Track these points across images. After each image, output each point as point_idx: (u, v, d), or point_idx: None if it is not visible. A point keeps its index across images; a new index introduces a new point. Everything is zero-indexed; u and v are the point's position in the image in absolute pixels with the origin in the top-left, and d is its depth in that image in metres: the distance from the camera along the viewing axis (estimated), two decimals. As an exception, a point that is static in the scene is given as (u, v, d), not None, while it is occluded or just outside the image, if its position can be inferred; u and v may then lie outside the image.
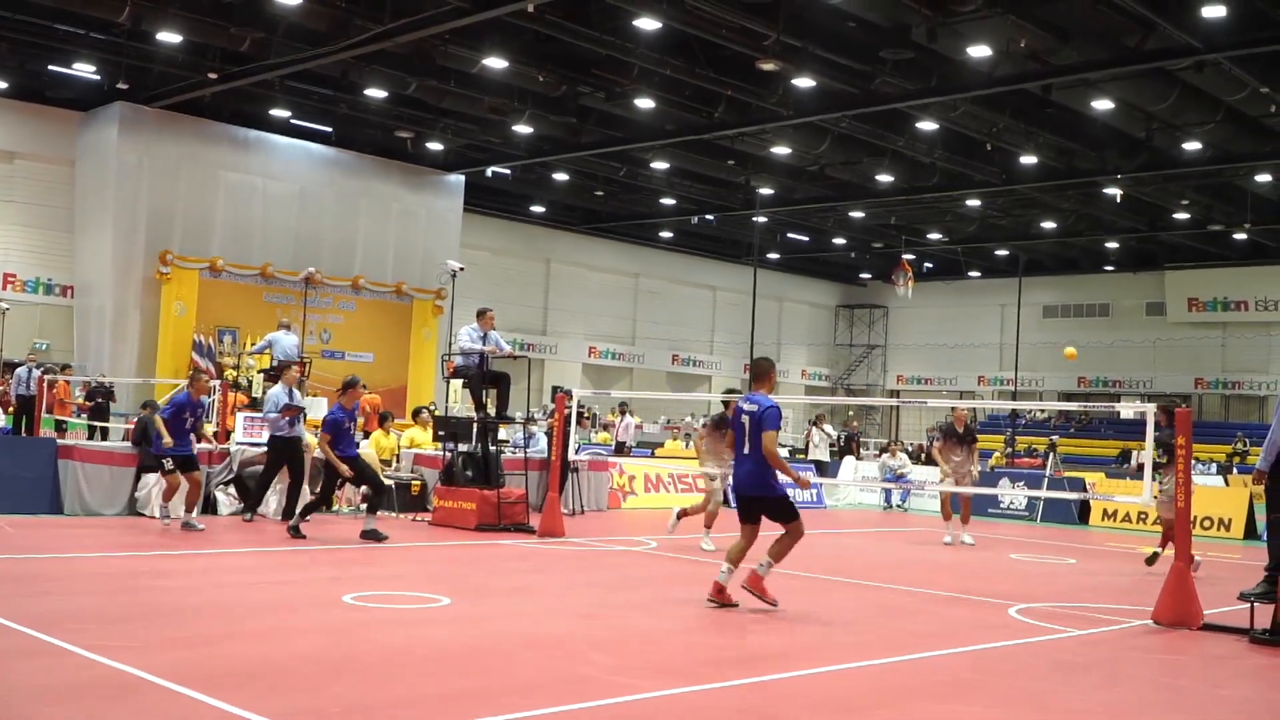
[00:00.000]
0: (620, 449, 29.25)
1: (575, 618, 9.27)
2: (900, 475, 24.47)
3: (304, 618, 8.66)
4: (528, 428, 19.96)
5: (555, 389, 18.99)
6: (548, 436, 19.19)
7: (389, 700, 6.29)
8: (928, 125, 29.66)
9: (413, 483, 17.54)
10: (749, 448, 9.80)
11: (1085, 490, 22.90)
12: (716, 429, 15.07)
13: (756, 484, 9.83)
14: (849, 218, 42.95)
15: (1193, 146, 29.92)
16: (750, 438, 9.78)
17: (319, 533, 14.36)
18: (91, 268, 30.76)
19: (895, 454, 25.64)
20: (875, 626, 9.64)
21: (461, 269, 19.24)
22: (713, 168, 35.30)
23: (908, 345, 57.94)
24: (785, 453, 40.36)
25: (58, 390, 23.30)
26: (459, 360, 16.56)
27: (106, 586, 9.82)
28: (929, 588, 12.08)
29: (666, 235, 49.03)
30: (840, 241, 48.52)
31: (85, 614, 8.39)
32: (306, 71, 26.60)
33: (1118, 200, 36.45)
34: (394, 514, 16.53)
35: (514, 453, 19.19)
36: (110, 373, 27.86)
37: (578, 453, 19.72)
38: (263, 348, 21.47)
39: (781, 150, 32.61)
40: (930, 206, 40.68)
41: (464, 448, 16.63)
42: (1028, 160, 32.15)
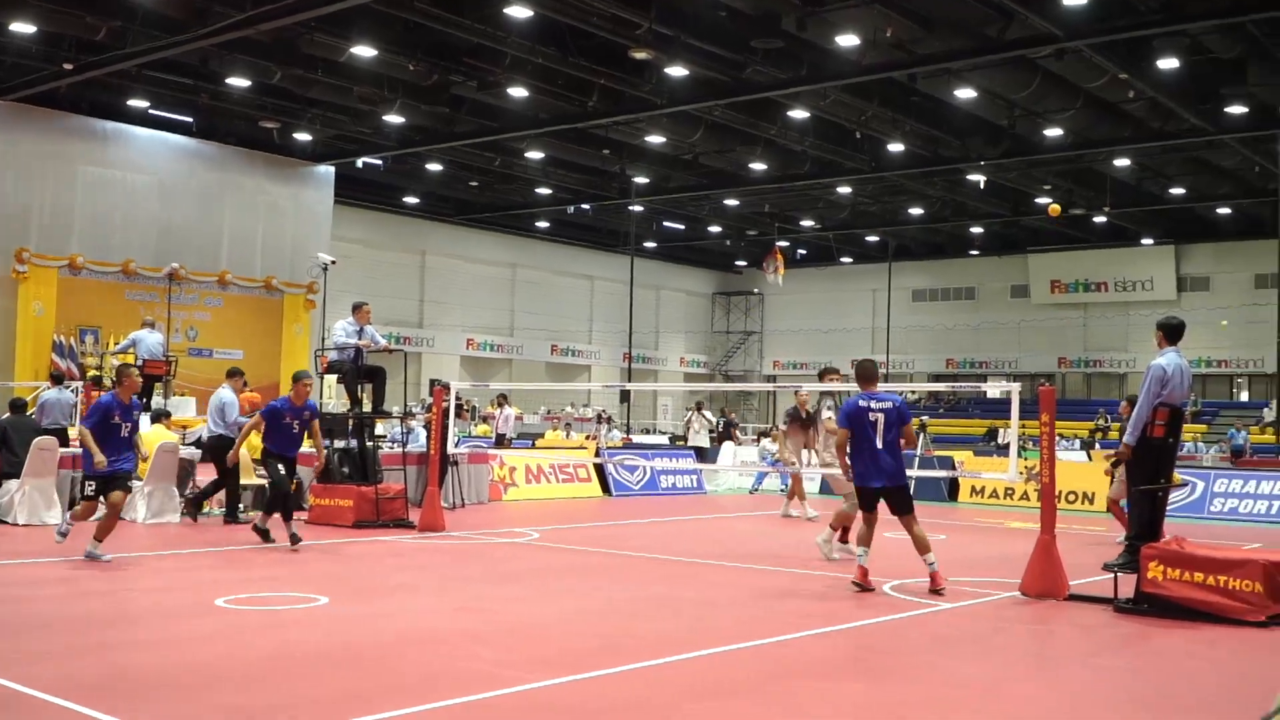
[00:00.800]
0: (500, 441, 29.12)
1: (457, 612, 9.20)
2: (776, 460, 24.71)
3: (177, 624, 8.44)
4: (406, 422, 19.75)
5: (433, 382, 18.81)
6: (426, 430, 19.01)
7: (267, 705, 6.17)
8: (799, 114, 30.02)
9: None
10: (883, 442, 10.55)
11: (954, 468, 23.39)
12: (796, 422, 17.21)
13: (896, 473, 10.64)
14: (723, 206, 43.32)
15: (1054, 133, 30.75)
16: (885, 432, 10.56)
17: (193, 535, 14.04)
18: (-56, 267, 29.62)
19: (775, 439, 25.87)
20: (756, 609, 9.74)
21: (333, 262, 18.95)
22: (587, 157, 35.29)
23: (783, 331, 58.67)
24: (666, 439, 40.67)
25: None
26: (333, 355, 16.31)
27: (-33, 597, 9.46)
28: (807, 568, 12.25)
29: (543, 225, 48.91)
30: (715, 230, 48.91)
31: (-55, 626, 8.07)
32: (166, 60, 25.91)
33: (982, 186, 37.35)
34: (269, 513, 16.18)
35: (392, 448, 18.98)
36: (-34, 376, 26.89)
37: (457, 446, 19.56)
38: (126, 347, 20.86)
39: (655, 139, 32.73)
40: (802, 194, 41.22)
41: (340, 444, 16.39)
42: (896, 148, 32.75)
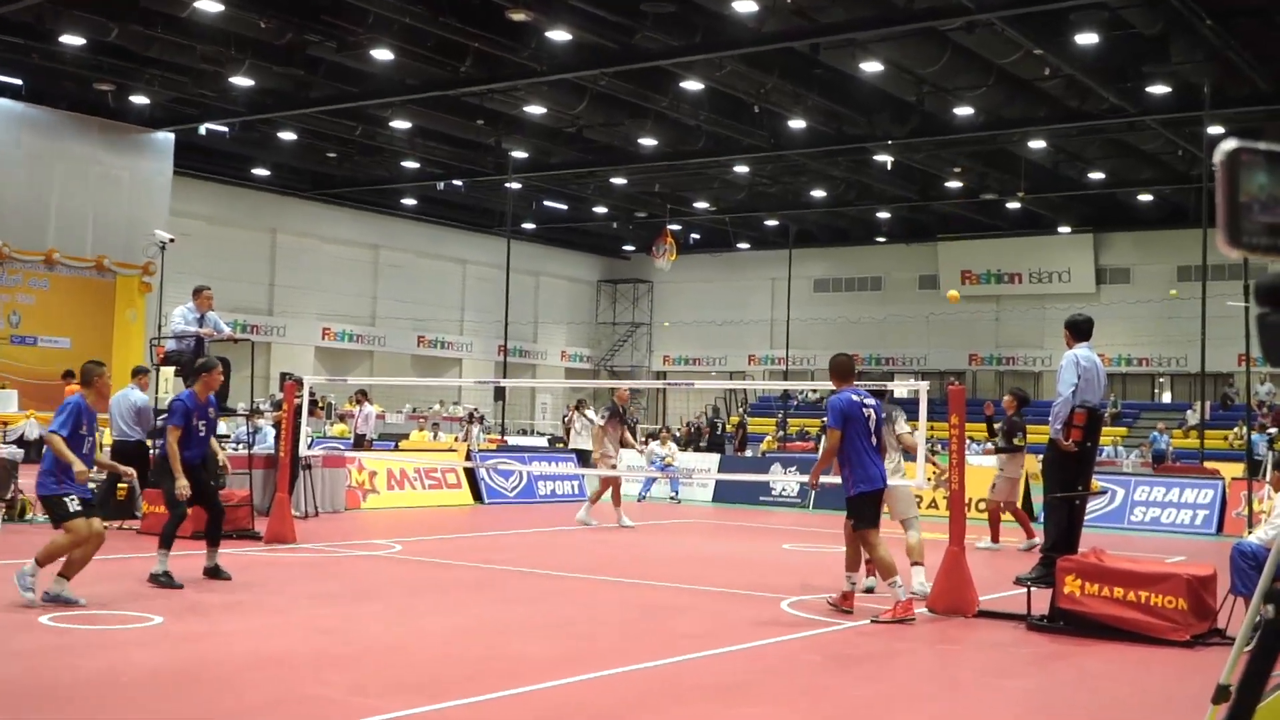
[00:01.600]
0: (359, 442, 28.81)
1: (307, 633, 9.08)
2: (667, 465, 24.85)
3: (-10, 644, 8.22)
4: (252, 420, 19.45)
5: (284, 376, 18.55)
6: (276, 430, 18.72)
7: (89, 736, 6.02)
8: (693, 85, 30.16)
9: (119, 486, 16.84)
10: (877, 441, 10.41)
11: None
12: (615, 418, 18.75)
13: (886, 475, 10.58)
14: (610, 185, 43.36)
15: (964, 111, 31.29)
16: (877, 432, 10.38)
17: (13, 544, 13.65)
18: None
19: (665, 441, 26.02)
20: (640, 628, 9.77)
21: (172, 240, 18.61)
22: (460, 128, 35.06)
23: (674, 323, 58.93)
24: (544, 441, 40.64)
25: None
26: (171, 345, 16.00)
27: None
28: (698, 584, 12.32)
29: (409, 203, 48.49)
30: (601, 210, 48.95)
31: None
32: (-9, 14, 25.20)
33: (889, 168, 37.89)
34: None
35: (236, 449, 18.70)
36: None
37: (310, 448, 19.31)
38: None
39: (536, 109, 32.64)
40: (696, 173, 41.43)
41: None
42: (797, 124, 33.07)
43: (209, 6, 24.73)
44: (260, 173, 43.15)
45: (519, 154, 37.52)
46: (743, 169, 40.07)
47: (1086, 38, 25.46)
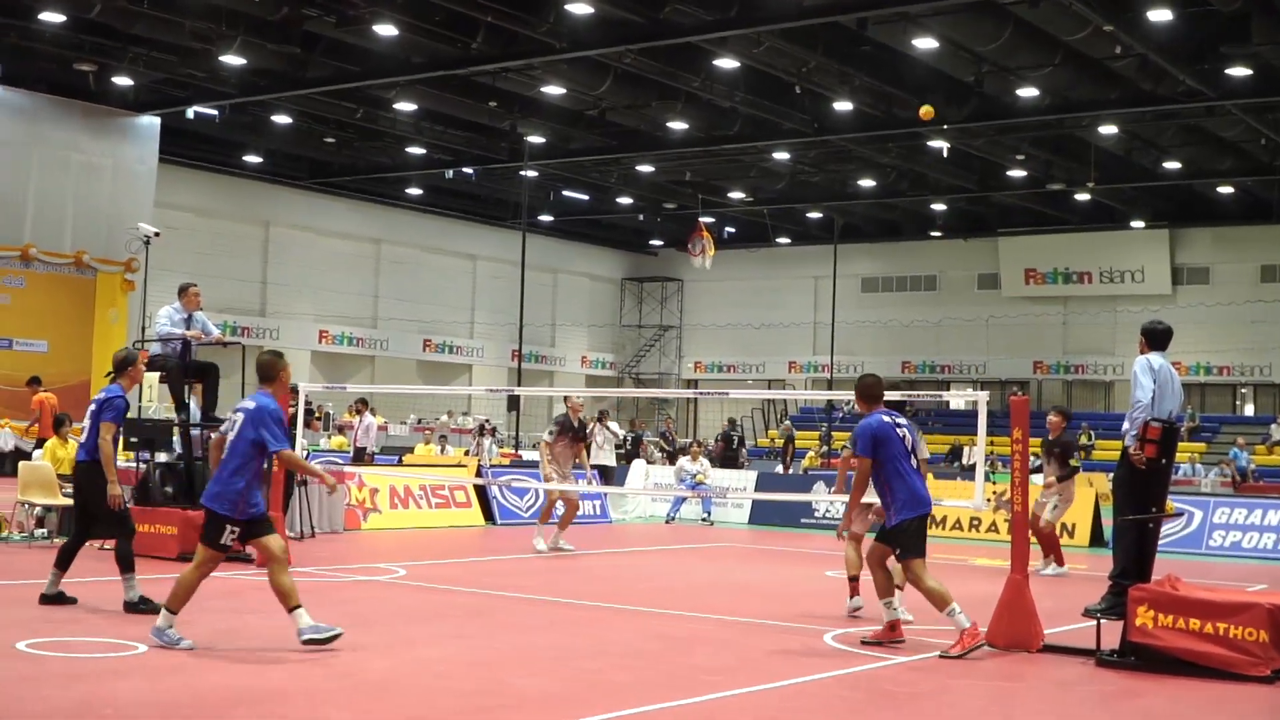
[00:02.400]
0: (360, 456, 28.87)
1: (300, 664, 9.11)
2: (699, 483, 24.81)
3: (-43, 674, 8.28)
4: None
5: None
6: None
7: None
8: (727, 63, 30.14)
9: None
10: (916, 462, 10.68)
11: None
12: (566, 433, 17.90)
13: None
14: (636, 173, 43.38)
15: (1028, 93, 31.18)
16: (914, 452, 10.68)
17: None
18: None
19: (696, 457, 25.98)
20: (662, 662, 9.74)
21: (156, 234, 18.68)
22: (471, 110, 35.15)
23: (706, 326, 58.89)
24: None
25: None
26: (156, 349, 16.07)
27: None
28: (730, 614, 12.29)
29: (415, 193, 48.64)
30: (626, 202, 48.98)
31: None
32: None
33: (944, 155, 37.75)
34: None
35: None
36: None
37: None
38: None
39: (554, 90, 32.68)
40: (732, 160, 41.39)
41: (162, 458, 16.19)
42: (842, 106, 33.00)
43: (197, -22, 24.90)
44: (252, 160, 43.34)
45: (535, 139, 37.58)
46: (783, 156, 40.02)
47: (1160, 14, 25.36)
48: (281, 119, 37.44)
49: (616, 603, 12.95)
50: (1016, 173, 40.75)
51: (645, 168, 42.32)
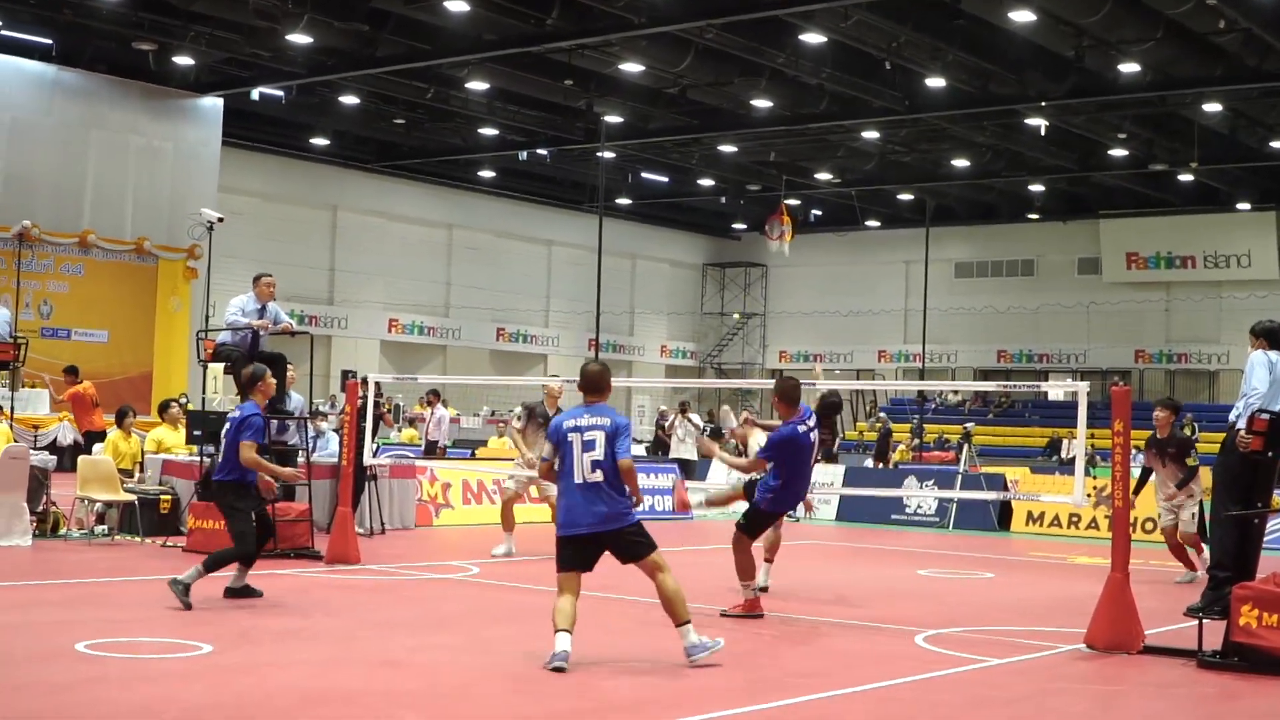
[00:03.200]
0: (432, 450, 29.09)
1: (373, 666, 9.20)
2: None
3: (25, 672, 8.43)
4: (313, 424, 19.70)
5: (346, 374, 18.75)
6: (338, 435, 18.96)
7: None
8: (814, 38, 30.05)
9: (162, 498, 17.17)
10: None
11: (1005, 489, 23.47)
12: (541, 423, 16.64)
13: None
14: (717, 154, 43.33)
15: (1130, 68, 30.88)
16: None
17: (49, 563, 13.99)
18: None
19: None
20: (751, 665, 9.76)
21: (220, 220, 18.85)
22: (546, 90, 35.24)
23: (792, 313, 58.72)
24: (641, 450, 40.76)
25: None
26: (223, 338, 16.22)
27: None
28: (818, 615, 12.29)
29: (487, 176, 48.85)
30: (707, 184, 48.94)
31: None
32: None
33: (1042, 133, 37.43)
34: (138, 539, 16.18)
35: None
36: None
37: (376, 456, 19.52)
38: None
39: (632, 68, 32.70)
40: (818, 140, 41.26)
41: (228, 451, 16.34)
42: (935, 83, 32.79)
43: (263, -45, 25.14)
44: (319, 142, 43.69)
45: (613, 119, 37.60)
46: (872, 135, 39.82)
47: (1267, -14, 25.08)
48: (349, 100, 37.72)
49: (702, 603, 12.95)
50: (1117, 152, 40.35)
51: (727, 148, 42.26)
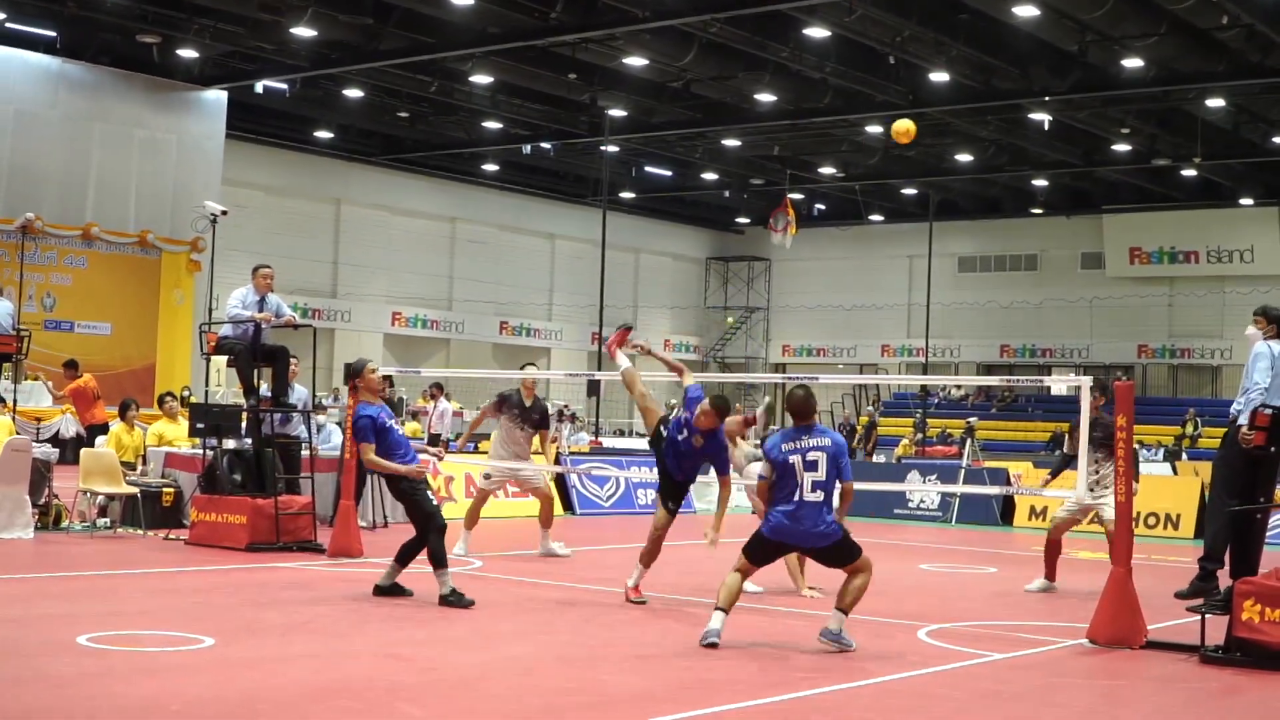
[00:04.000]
0: (434, 443, 29.08)
1: (376, 659, 9.21)
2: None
3: (27, 665, 8.43)
4: (315, 417, 19.70)
5: (349, 366, 18.73)
6: (340, 428, 18.96)
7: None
8: (818, 32, 30.02)
9: (164, 491, 17.18)
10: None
11: (1009, 484, 23.46)
12: (514, 412, 16.80)
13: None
14: (721, 148, 43.30)
15: (1133, 63, 30.85)
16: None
17: (50, 556, 14.00)
18: None
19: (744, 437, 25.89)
20: (755, 659, 9.77)
21: (224, 213, 18.85)
22: (550, 83, 35.21)
23: (795, 308, 58.67)
24: (645, 444, 40.71)
25: None
26: (226, 331, 16.22)
27: None
28: (821, 609, 12.28)
29: (491, 169, 48.80)
30: (711, 178, 48.89)
31: None
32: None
33: (1046, 128, 37.41)
34: (140, 531, 16.19)
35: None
36: None
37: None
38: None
39: (636, 61, 32.67)
40: (822, 134, 41.22)
41: (230, 444, 16.27)
42: (939, 77, 32.75)
43: (267, -52, 25.13)
44: (323, 135, 43.66)
45: (617, 112, 37.60)
46: (875, 129, 39.77)
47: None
48: (353, 93, 37.70)
49: (707, 597, 12.97)
50: (1121, 147, 40.32)
51: (731, 142, 42.23)
